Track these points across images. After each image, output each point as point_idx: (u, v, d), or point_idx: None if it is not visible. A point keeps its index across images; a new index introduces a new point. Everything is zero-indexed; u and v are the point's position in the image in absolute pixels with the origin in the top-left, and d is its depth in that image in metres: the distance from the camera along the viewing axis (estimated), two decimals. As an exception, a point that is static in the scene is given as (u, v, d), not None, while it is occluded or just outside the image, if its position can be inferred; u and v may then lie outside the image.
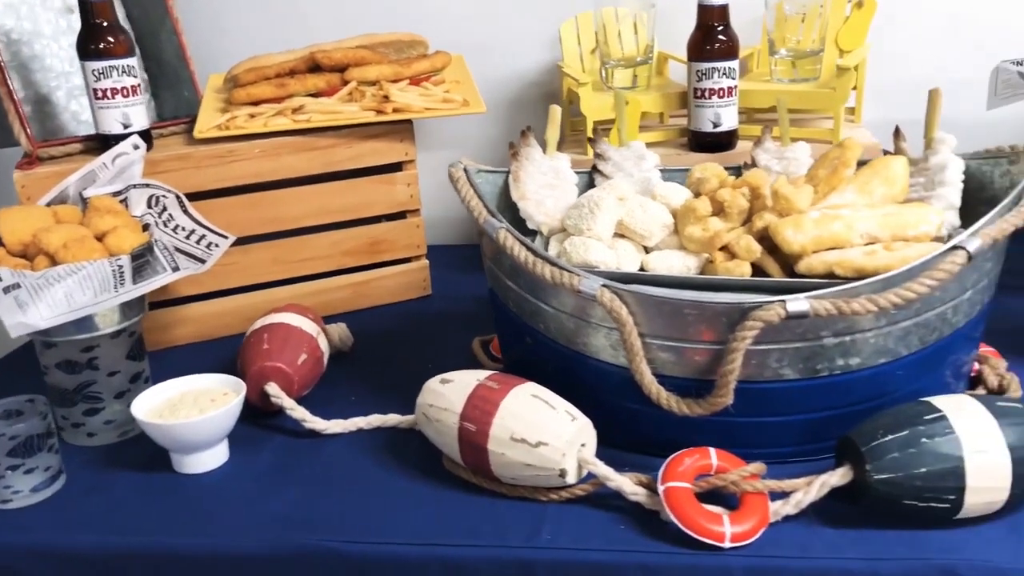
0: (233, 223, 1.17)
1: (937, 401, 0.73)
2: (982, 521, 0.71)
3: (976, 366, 0.94)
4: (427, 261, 1.31)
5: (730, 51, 1.14)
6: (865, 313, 0.73)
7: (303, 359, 0.99)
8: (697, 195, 0.88)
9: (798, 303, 0.73)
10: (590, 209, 0.85)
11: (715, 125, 1.16)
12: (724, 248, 0.85)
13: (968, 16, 1.32)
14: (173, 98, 1.30)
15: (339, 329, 1.14)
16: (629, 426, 0.84)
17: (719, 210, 0.86)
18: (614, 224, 0.87)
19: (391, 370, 1.09)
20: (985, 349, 0.97)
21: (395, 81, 1.24)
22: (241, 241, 1.20)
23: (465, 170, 0.92)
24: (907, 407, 0.74)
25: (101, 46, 1.08)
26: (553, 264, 0.81)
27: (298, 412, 0.94)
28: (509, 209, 0.98)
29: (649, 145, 1.24)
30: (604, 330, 0.81)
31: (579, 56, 1.33)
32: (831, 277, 0.80)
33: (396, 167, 1.24)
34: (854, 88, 1.25)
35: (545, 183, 0.96)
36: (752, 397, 0.79)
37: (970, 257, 0.74)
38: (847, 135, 1.18)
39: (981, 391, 0.91)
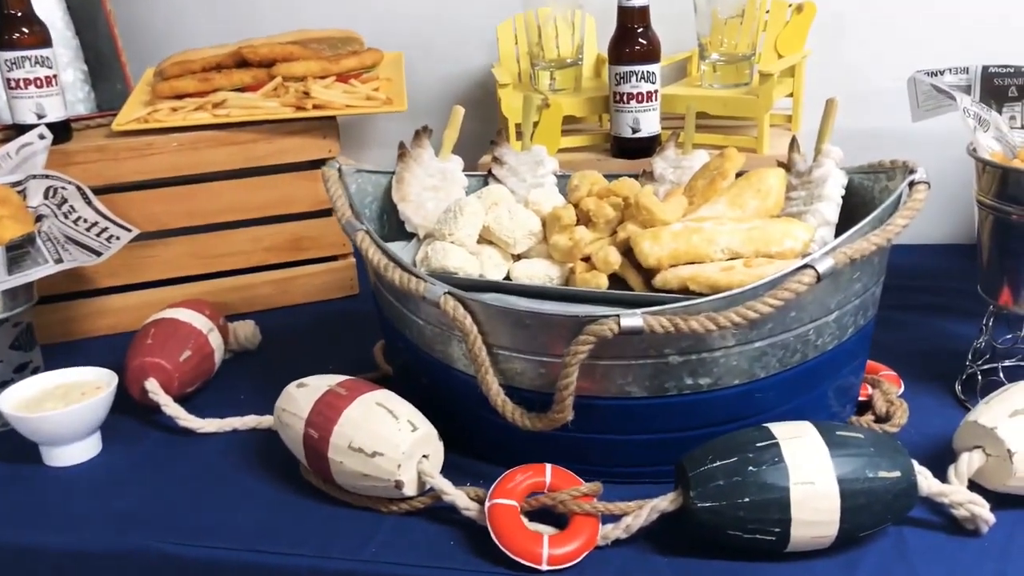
0: (152, 216, 1.18)
1: (775, 428, 0.70)
2: (814, 556, 0.68)
3: (869, 390, 0.90)
4: (354, 260, 1.30)
5: (649, 54, 1.10)
6: (704, 332, 0.70)
7: (186, 356, 0.98)
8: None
9: (632, 319, 0.70)
10: (454, 214, 0.83)
11: (634, 131, 1.13)
12: (587, 259, 0.82)
13: (918, 22, 1.27)
14: (108, 90, 1.31)
15: (245, 327, 1.13)
16: (486, 437, 0.82)
17: (587, 219, 0.83)
18: (478, 230, 0.84)
19: (290, 371, 1.05)
20: (884, 373, 0.93)
21: (323, 77, 1.23)
22: (161, 234, 1.20)
23: (339, 170, 0.91)
24: (744, 433, 0.70)
25: (14, 36, 1.08)
26: (404, 269, 0.79)
27: (172, 409, 0.93)
28: (397, 211, 0.96)
29: (573, 150, 1.22)
30: (458, 339, 0.79)
31: (515, 57, 1.31)
32: (687, 292, 0.77)
33: (319, 163, 1.22)
34: (790, 95, 1.21)
35: (430, 185, 0.94)
36: (599, 413, 0.76)
37: (819, 277, 0.70)
38: (780, 146, 1.15)
39: (869, 416, 0.87)
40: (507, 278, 0.86)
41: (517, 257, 0.86)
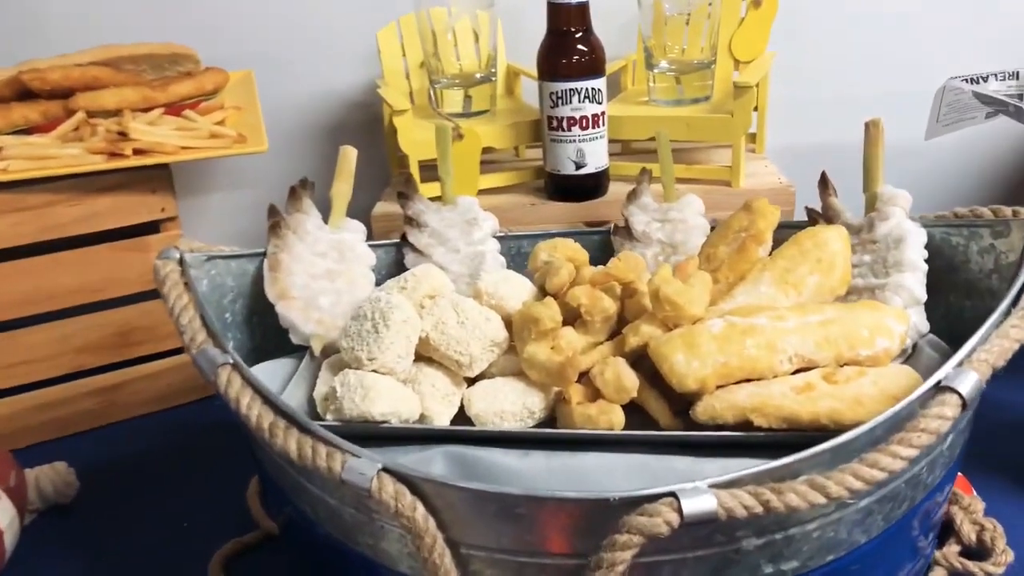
0: (-101, 321, 0.81)
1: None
2: None
3: (946, 508, 0.67)
4: (207, 350, 0.96)
5: (593, 66, 0.84)
6: (808, 507, 0.44)
7: (-47, 555, 0.64)
8: (543, 292, 0.58)
9: (699, 500, 0.43)
10: (374, 325, 0.54)
11: (578, 166, 0.86)
12: (584, 377, 0.54)
13: (891, 16, 1.07)
14: None
15: (53, 473, 0.79)
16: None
17: (575, 316, 0.56)
18: (413, 346, 0.55)
19: (124, 543, 0.75)
20: (950, 475, 0.71)
21: (145, 110, 0.90)
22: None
23: (181, 260, 0.59)
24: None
25: None
26: (303, 430, 0.49)
27: (-70, 654, 0.59)
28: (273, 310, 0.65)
29: (497, 191, 0.94)
30: (398, 531, 0.50)
31: (404, 72, 1.02)
32: (747, 427, 0.51)
33: (150, 228, 0.90)
34: (755, 109, 0.98)
35: (322, 270, 0.64)
36: (636, 630, 0.49)
37: (964, 404, 0.46)
38: (751, 175, 0.92)
39: (954, 547, 0.65)
40: (460, 413, 0.57)
41: (472, 380, 0.58)
